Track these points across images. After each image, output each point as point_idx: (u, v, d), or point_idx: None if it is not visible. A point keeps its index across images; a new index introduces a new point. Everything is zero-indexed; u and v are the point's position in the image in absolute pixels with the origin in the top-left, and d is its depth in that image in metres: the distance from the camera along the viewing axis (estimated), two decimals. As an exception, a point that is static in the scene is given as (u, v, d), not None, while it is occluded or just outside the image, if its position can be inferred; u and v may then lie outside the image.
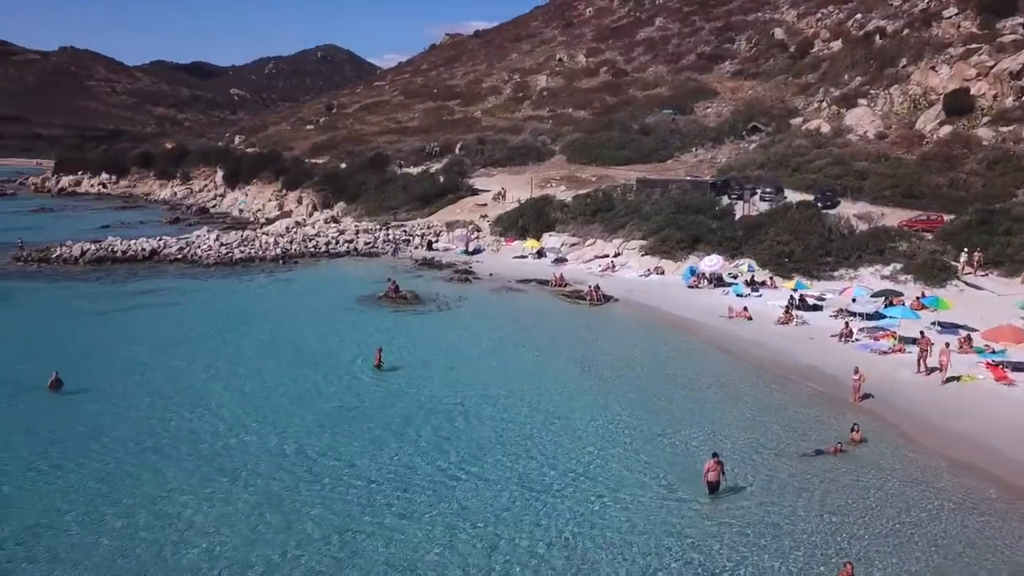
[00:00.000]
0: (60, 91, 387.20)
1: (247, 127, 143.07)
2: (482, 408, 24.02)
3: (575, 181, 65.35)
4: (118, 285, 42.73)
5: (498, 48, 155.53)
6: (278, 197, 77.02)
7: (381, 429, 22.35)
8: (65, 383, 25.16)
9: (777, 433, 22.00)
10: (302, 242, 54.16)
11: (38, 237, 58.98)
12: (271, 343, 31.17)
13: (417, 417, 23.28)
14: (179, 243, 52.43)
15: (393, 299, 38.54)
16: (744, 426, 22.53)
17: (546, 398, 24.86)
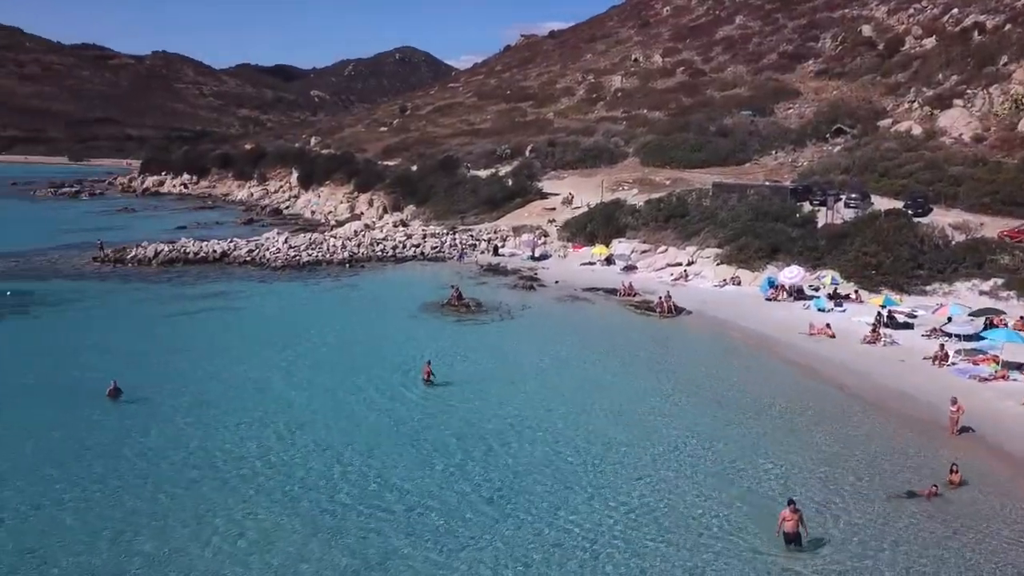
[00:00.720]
0: (151, 94, 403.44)
1: (323, 129, 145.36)
2: (537, 430, 22.67)
3: (648, 184, 63.42)
4: (187, 287, 43.11)
5: (572, 48, 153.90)
6: (350, 199, 77.41)
7: (430, 449, 21.27)
8: (123, 392, 24.91)
9: (863, 470, 19.96)
10: (369, 246, 53.91)
11: (118, 237, 60.56)
12: (328, 352, 30.55)
13: (469, 437, 22.11)
14: (249, 245, 52.85)
15: (455, 307, 37.60)
16: (825, 460, 20.56)
17: (606, 422, 23.33)
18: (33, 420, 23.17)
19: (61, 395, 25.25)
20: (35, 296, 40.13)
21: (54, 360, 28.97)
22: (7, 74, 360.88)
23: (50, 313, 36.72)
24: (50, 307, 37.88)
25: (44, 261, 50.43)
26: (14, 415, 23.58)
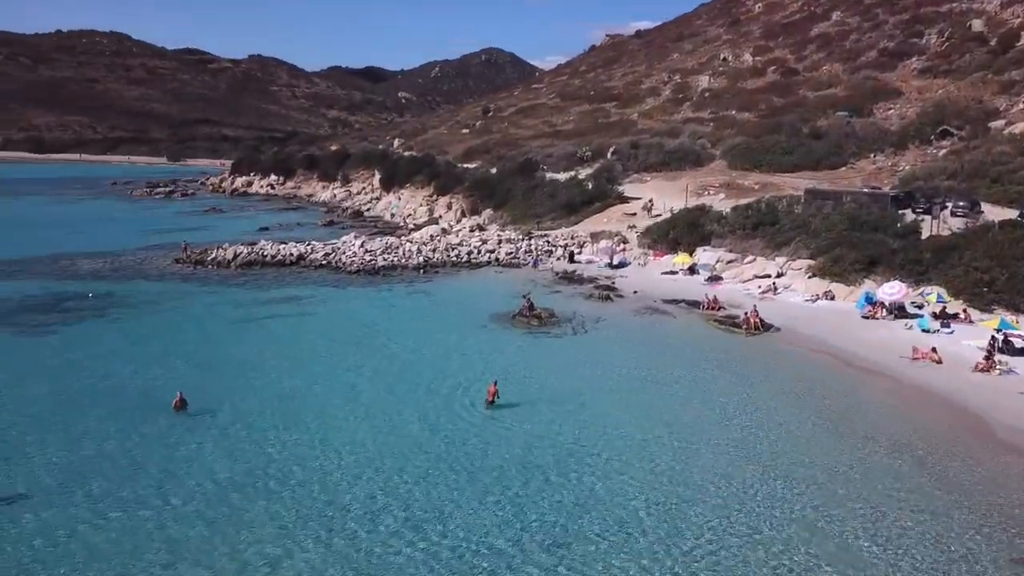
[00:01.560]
0: (247, 95, 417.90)
1: (407, 130, 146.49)
2: (603, 463, 20.97)
3: (735, 189, 60.55)
4: (262, 291, 43.10)
5: (659, 48, 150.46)
6: (429, 202, 77.05)
7: (486, 480, 19.86)
8: (189, 403, 24.41)
9: (977, 529, 17.49)
10: (444, 251, 53.07)
11: (202, 238, 61.68)
12: (393, 366, 29.54)
13: (529, 467, 20.60)
14: (325, 248, 52.77)
15: (527, 318, 36.14)
16: (933, 513, 18.15)
17: (677, 459, 21.34)
18: (93, 429, 22.95)
19: (127, 404, 25.01)
20: (116, 298, 40.79)
21: (124, 366, 28.95)
22: (116, 78, 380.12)
23: (128, 316, 37.10)
24: (129, 309, 38.33)
25: (131, 261, 51.59)
26: (76, 422, 23.40)
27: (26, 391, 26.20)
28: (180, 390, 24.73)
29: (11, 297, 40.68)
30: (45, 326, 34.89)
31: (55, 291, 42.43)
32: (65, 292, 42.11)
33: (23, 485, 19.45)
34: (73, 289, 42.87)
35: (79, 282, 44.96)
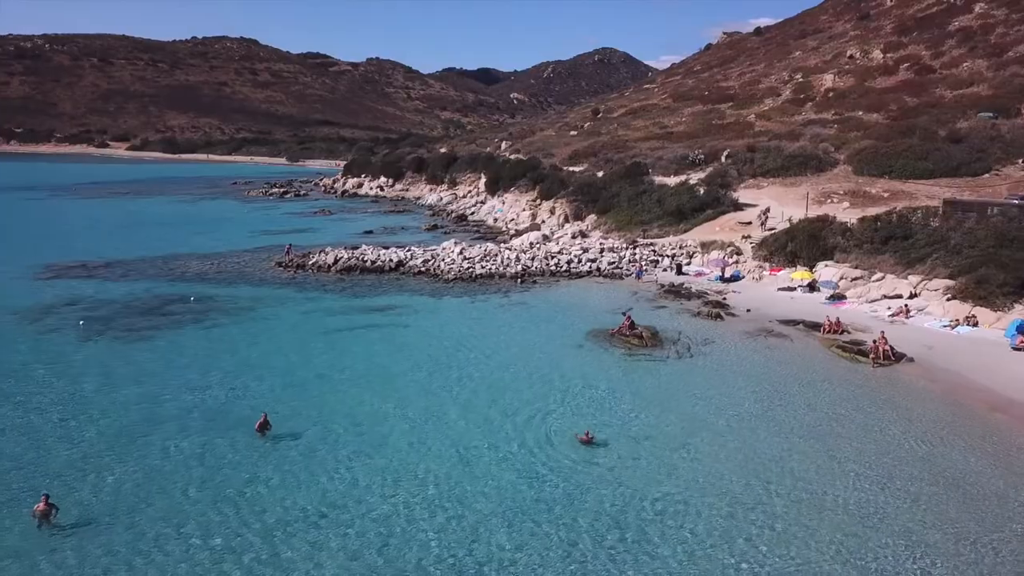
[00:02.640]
0: (364, 97, 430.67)
1: (515, 132, 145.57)
2: (702, 521, 18.48)
3: (862, 198, 55.89)
4: (358, 299, 42.47)
5: (779, 46, 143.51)
6: (532, 207, 75.40)
7: (574, 535, 17.73)
8: (273, 424, 23.37)
9: None
10: (544, 259, 51.18)
11: (308, 240, 62.33)
12: (485, 385, 27.85)
13: (623, 521, 18.34)
14: (425, 255, 51.94)
15: (626, 337, 33.73)
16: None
17: (792, 524, 18.59)
18: (172, 445, 22.28)
19: (209, 419, 24.34)
20: (216, 302, 41.06)
21: (212, 377, 28.49)
22: (243, 82, 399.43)
23: (224, 322, 37.07)
24: (226, 315, 38.37)
25: (235, 264, 52.33)
26: (155, 436, 22.84)
27: (113, 400, 26.05)
28: (264, 411, 23.72)
29: (120, 299, 41.65)
30: (145, 330, 35.23)
31: (161, 293, 43.23)
32: (170, 294, 42.81)
33: (90, 503, 18.87)
34: (178, 291, 43.56)
35: (185, 284, 45.74)
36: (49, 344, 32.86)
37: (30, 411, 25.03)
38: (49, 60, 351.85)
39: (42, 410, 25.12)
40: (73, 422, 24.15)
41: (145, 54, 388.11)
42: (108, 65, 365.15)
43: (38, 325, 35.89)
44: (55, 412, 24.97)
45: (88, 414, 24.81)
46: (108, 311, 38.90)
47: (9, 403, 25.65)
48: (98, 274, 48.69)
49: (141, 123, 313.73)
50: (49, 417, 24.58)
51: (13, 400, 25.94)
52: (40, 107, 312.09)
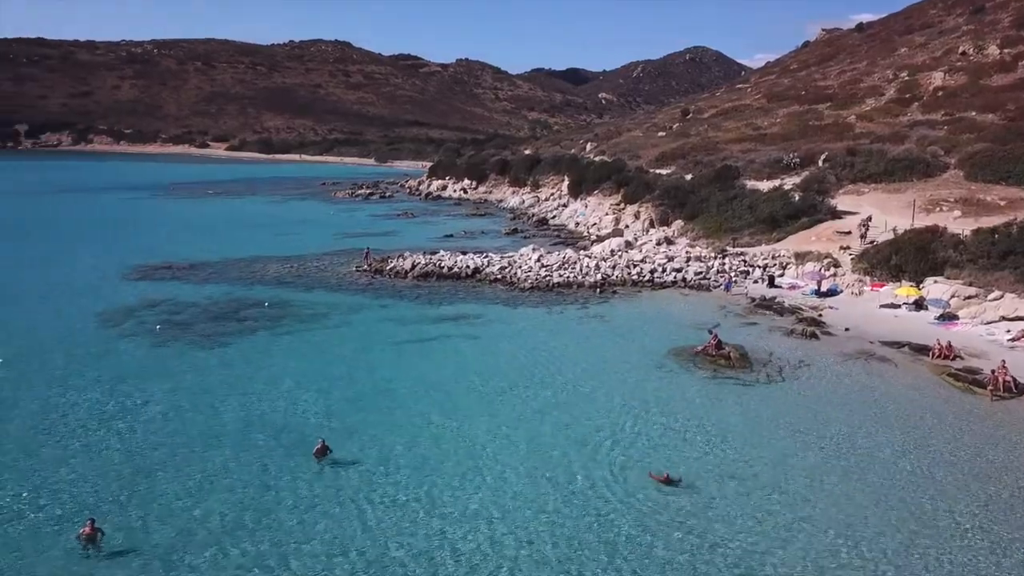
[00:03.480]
0: (453, 98, 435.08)
1: (601, 133, 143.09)
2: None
3: (975, 206, 51.47)
4: (432, 307, 41.46)
5: (883, 42, 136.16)
6: (615, 211, 73.15)
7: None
8: (333, 448, 22.11)
9: None
10: (625, 268, 49.04)
11: (388, 244, 61.97)
12: (558, 409, 26.17)
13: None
14: (502, 262, 50.59)
15: (712, 357, 31.44)
16: None
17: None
18: (226, 468, 21.50)
19: (269, 440, 23.44)
20: (291, 308, 40.77)
21: (276, 390, 27.76)
22: (337, 83, 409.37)
23: (296, 330, 36.61)
24: (298, 323, 37.95)
25: (315, 267, 52.25)
26: (211, 457, 22.14)
27: (177, 411, 25.64)
28: (322, 438, 22.46)
29: (199, 303, 41.90)
30: (218, 336, 35.08)
31: (239, 297, 43.32)
32: (247, 298, 42.83)
33: (137, 527, 18.21)
34: (255, 295, 43.57)
35: (263, 288, 45.80)
36: (124, 349, 33.02)
37: (93, 420, 24.86)
38: (157, 64, 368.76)
39: (106, 419, 24.90)
40: (134, 434, 23.77)
41: (245, 58, 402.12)
42: (211, 69, 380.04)
43: (117, 329, 36.26)
44: (119, 422, 24.70)
45: (149, 426, 24.43)
46: (186, 315, 39.10)
47: (73, 412, 25.57)
48: (182, 276, 49.39)
49: (240, 124, 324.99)
50: (112, 427, 24.32)
51: (78, 409, 25.85)
52: (148, 109, 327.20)
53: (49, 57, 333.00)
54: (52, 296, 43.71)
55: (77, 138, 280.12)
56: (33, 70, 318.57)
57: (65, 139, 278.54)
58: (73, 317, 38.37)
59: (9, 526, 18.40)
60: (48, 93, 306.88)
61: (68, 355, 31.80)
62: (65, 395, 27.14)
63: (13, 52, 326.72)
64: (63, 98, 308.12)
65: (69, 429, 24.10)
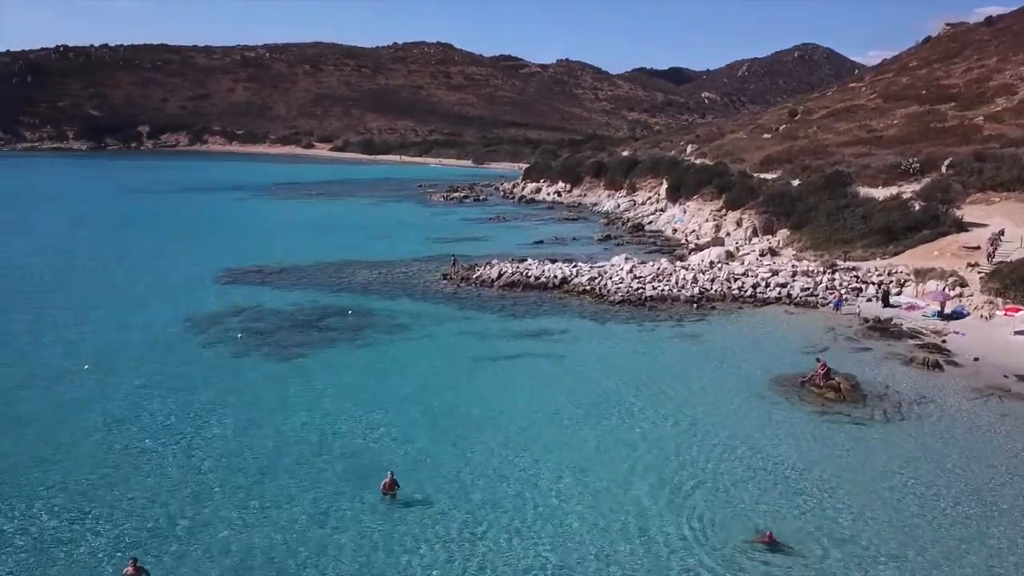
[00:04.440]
0: (552, 98, 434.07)
1: (702, 135, 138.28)
2: None
3: None
4: (516, 319, 39.73)
5: (1016, 37, 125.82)
6: (716, 217, 69.59)
7: None
8: (402, 483, 20.52)
9: None
10: (725, 281, 45.93)
11: (477, 250, 60.81)
12: (635, 443, 23.95)
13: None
14: (591, 272, 48.38)
15: (819, 388, 28.41)
16: None
17: None
18: (290, 498, 20.30)
19: (337, 466, 22.23)
20: (373, 318, 39.89)
21: (350, 410, 26.54)
22: (439, 85, 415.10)
23: (376, 342, 35.61)
24: (380, 334, 36.96)
25: (401, 274, 51.44)
26: (273, 485, 21.02)
27: (246, 428, 24.86)
28: (391, 470, 20.92)
29: (284, 310, 41.61)
30: (298, 347, 34.40)
31: (324, 304, 42.81)
32: (331, 306, 42.27)
33: (181, 564, 17.13)
34: (341, 303, 42.97)
35: (349, 295, 45.23)
36: (203, 359, 32.74)
37: (158, 435, 24.29)
38: (269, 68, 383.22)
39: (171, 435, 24.30)
40: (195, 453, 23.04)
41: (351, 60, 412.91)
42: (318, 71, 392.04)
43: (200, 336, 36.17)
44: (183, 438, 24.05)
45: (212, 444, 23.69)
46: (269, 323, 38.76)
47: (140, 425, 25.08)
48: (271, 280, 49.48)
49: (344, 125, 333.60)
50: (175, 444, 23.69)
51: (145, 422, 25.38)
52: (259, 111, 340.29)
53: (170, 62, 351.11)
54: (146, 298, 44.42)
55: (193, 139, 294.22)
56: (156, 75, 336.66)
57: (182, 139, 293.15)
58: (161, 322, 38.62)
59: (52, 551, 17.70)
60: (169, 96, 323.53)
61: (148, 363, 31.74)
62: (136, 406, 26.85)
63: (139, 58, 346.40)
64: (182, 101, 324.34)
65: (132, 445, 23.58)
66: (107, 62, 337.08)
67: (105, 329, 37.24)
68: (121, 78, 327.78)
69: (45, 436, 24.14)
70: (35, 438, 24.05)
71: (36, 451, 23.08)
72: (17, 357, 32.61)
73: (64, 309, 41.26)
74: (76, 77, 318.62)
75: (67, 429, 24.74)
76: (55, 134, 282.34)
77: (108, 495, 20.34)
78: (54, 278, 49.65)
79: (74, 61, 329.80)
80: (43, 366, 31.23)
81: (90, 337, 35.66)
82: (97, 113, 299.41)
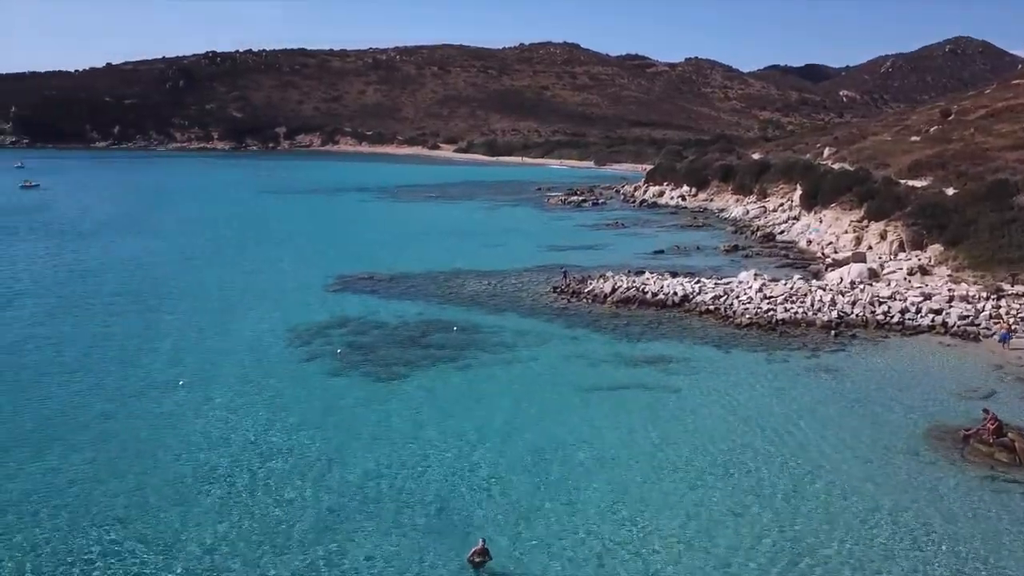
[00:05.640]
0: (679, 98, 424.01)
1: (841, 137, 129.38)
2: None
3: None
4: (628, 343, 36.65)
5: None
6: (856, 229, 63.62)
7: None
8: (493, 553, 17.93)
9: None
10: (868, 305, 41.07)
11: (592, 260, 58.05)
12: (758, 517, 20.56)
13: None
14: (716, 289, 44.56)
15: (988, 447, 23.94)
16: None
17: None
18: (370, 562, 18.21)
19: (415, 524, 19.88)
20: (478, 335, 37.88)
21: (440, 450, 24.23)
22: (563, 85, 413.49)
23: (478, 364, 33.44)
24: (484, 352, 34.88)
25: (511, 286, 49.31)
26: (352, 544, 18.91)
27: (333, 466, 23.10)
28: (482, 537, 18.30)
29: (389, 323, 40.30)
30: (398, 367, 32.74)
31: (429, 318, 41.22)
32: (437, 320, 40.62)
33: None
34: (446, 317, 41.30)
35: (455, 308, 43.52)
36: (300, 375, 31.63)
37: (241, 464, 23.02)
38: (399, 70, 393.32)
39: (252, 465, 22.97)
40: (274, 489, 21.51)
41: (478, 62, 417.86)
42: (446, 73, 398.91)
43: (301, 350, 35.23)
44: (263, 469, 22.64)
45: (290, 480, 22.15)
46: (372, 337, 37.50)
47: (225, 451, 23.90)
48: (380, 289, 48.50)
49: (469, 126, 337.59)
50: (253, 476, 22.30)
51: (231, 448, 24.21)
52: (388, 112, 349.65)
53: (307, 65, 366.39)
54: (256, 304, 44.32)
55: (326, 139, 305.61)
56: (294, 78, 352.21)
57: (315, 140, 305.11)
58: (265, 332, 38.07)
59: None
60: (304, 98, 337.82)
61: (243, 378, 30.94)
62: (224, 427, 25.88)
63: (279, 62, 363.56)
64: (316, 102, 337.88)
65: (214, 474, 22.37)
66: (250, 66, 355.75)
67: (209, 337, 37.03)
68: (262, 81, 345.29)
69: (123, 453, 23.44)
70: (116, 452, 23.42)
71: (115, 466, 22.34)
72: (119, 365, 32.61)
73: (173, 314, 41.60)
74: (222, 81, 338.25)
75: (146, 448, 23.98)
76: (201, 135, 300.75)
77: (173, 518, 19.15)
78: (174, 282, 50.60)
79: (221, 66, 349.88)
80: (141, 378, 30.93)
81: (193, 346, 35.44)
82: (239, 115, 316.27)
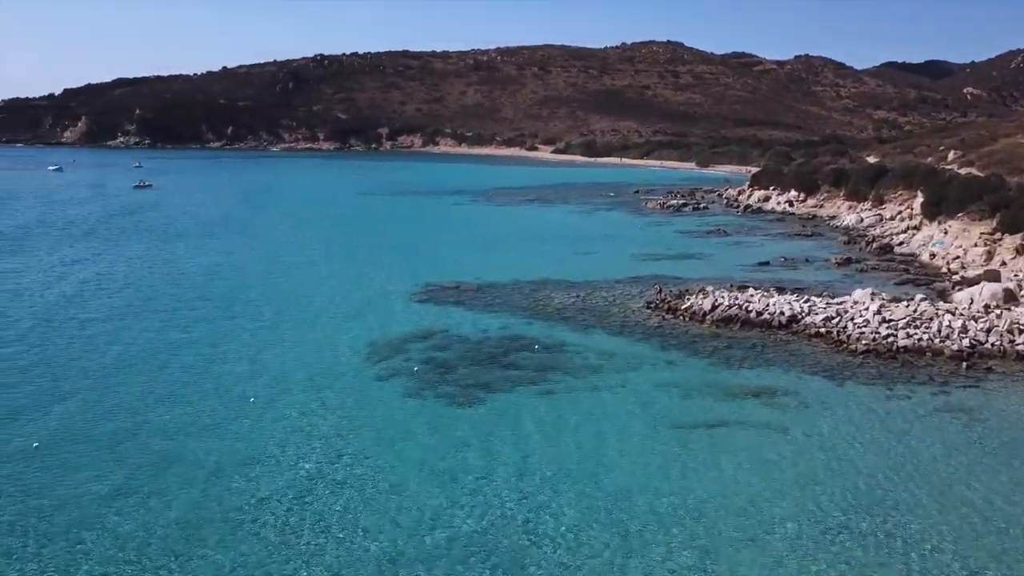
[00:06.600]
0: (787, 96, 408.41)
1: (968, 139, 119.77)
2: None
3: None
4: (729, 371, 33.27)
5: None
6: (987, 242, 57.58)
7: None
8: None
9: None
10: (1006, 333, 36.26)
11: (690, 271, 54.75)
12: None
13: None
14: (828, 309, 40.50)
15: None
16: None
17: None
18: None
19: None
20: (562, 354, 35.40)
21: (511, 494, 21.88)
22: (665, 84, 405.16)
23: (562, 387, 30.97)
24: (566, 376, 32.34)
25: (601, 300, 46.46)
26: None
27: (379, 504, 21.13)
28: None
29: (470, 338, 38.34)
30: (474, 389, 30.62)
31: (512, 334, 39.01)
32: (520, 337, 38.36)
33: None
34: (530, 333, 38.97)
35: (540, 323, 41.17)
36: (371, 396, 29.96)
37: (290, 496, 21.25)
38: (499, 71, 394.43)
39: (305, 499, 21.15)
40: (322, 521, 19.69)
41: (578, 61, 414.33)
42: (546, 73, 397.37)
43: (377, 367, 33.56)
44: (314, 505, 20.81)
45: (347, 514, 20.23)
46: (451, 354, 35.59)
47: (278, 480, 22.25)
48: (465, 300, 46.67)
49: (567, 127, 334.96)
50: (306, 505, 20.53)
51: (285, 477, 22.54)
52: (487, 113, 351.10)
53: (410, 67, 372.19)
54: (338, 313, 43.27)
55: (426, 140, 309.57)
56: (398, 79, 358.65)
57: (417, 141, 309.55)
58: (343, 345, 36.73)
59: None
60: (407, 100, 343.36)
61: (313, 397, 29.48)
62: (283, 447, 24.43)
63: (383, 64, 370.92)
64: (418, 103, 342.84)
65: (262, 506, 20.74)
66: (356, 68, 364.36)
67: (285, 349, 35.95)
68: (367, 83, 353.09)
69: (180, 474, 22.19)
70: (170, 480, 22.16)
71: (162, 489, 21.08)
72: (197, 375, 31.82)
73: (255, 321, 40.91)
74: (329, 83, 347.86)
75: (201, 472, 22.66)
76: (308, 135, 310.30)
77: (207, 552, 17.56)
78: (262, 287, 50.31)
79: (328, 68, 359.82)
80: (213, 392, 29.95)
81: (268, 359, 34.30)
82: (344, 116, 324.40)
